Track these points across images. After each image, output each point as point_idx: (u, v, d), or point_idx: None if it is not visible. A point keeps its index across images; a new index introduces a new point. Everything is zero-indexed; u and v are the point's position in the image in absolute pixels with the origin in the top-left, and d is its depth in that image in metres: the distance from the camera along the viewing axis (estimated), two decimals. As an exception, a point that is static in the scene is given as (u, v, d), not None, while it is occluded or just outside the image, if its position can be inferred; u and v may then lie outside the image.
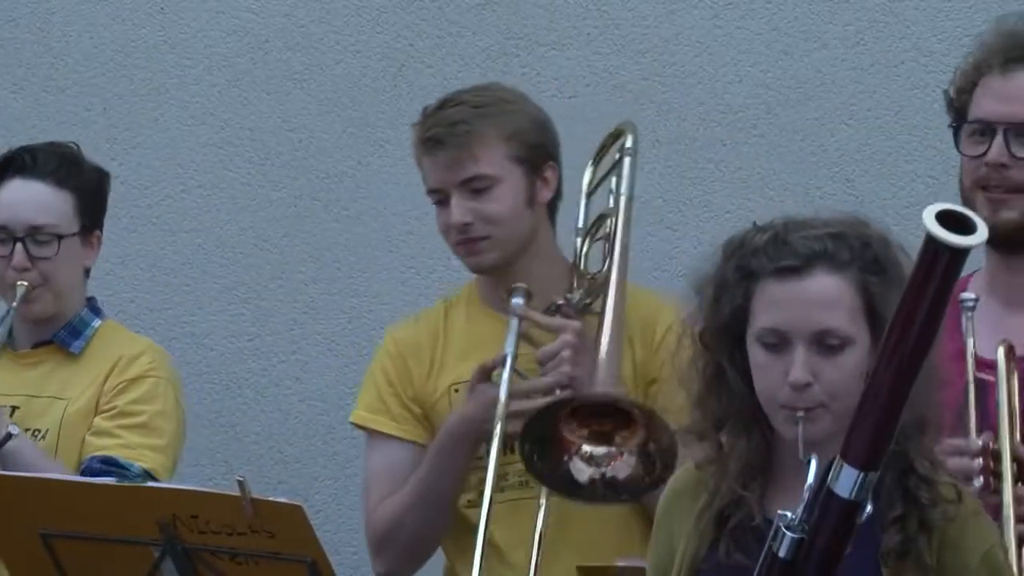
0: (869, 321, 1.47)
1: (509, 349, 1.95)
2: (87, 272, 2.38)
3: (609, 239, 2.06)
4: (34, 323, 2.30)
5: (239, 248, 3.02)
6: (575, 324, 2.00)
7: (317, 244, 2.72)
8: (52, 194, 2.27)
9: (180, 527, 1.57)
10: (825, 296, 1.47)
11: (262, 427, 2.43)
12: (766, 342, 1.46)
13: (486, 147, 2.07)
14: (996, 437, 1.87)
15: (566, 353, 1.97)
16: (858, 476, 1.30)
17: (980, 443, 1.83)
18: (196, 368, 2.84)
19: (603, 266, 2.06)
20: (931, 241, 1.21)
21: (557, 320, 2.00)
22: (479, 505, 2.02)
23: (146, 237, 3.08)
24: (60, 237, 2.25)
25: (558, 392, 1.97)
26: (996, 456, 1.84)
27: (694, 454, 1.59)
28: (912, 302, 1.29)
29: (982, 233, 1.22)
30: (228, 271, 3.03)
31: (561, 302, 2.05)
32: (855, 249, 1.48)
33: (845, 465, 1.30)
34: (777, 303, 1.46)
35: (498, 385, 1.96)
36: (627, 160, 2.09)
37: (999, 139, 1.93)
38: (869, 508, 1.33)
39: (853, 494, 1.30)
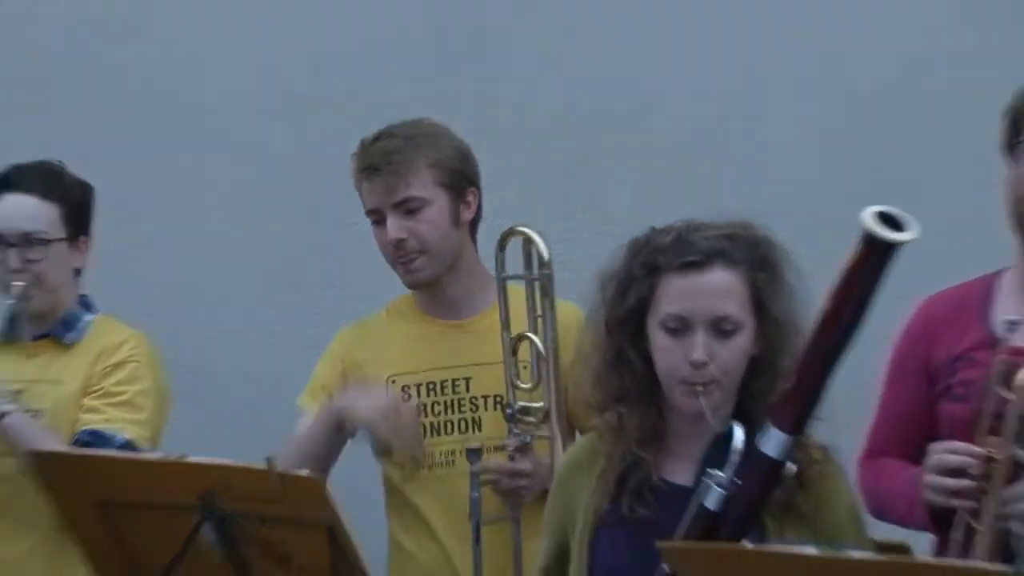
0: (755, 310, 1.67)
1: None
2: (78, 272, 2.65)
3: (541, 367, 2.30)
4: (33, 319, 2.58)
5: (264, 257, 3.27)
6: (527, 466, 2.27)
7: (333, 254, 2.93)
8: (40, 205, 2.54)
9: (217, 496, 1.77)
10: (722, 288, 1.65)
11: (282, 415, 2.64)
12: (669, 327, 1.65)
13: (416, 173, 2.30)
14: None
15: (522, 482, 2.25)
16: (786, 439, 1.51)
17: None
18: (225, 364, 3.09)
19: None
20: (868, 237, 1.43)
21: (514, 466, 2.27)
22: (413, 480, 2.36)
23: (183, 248, 3.34)
24: (48, 242, 2.52)
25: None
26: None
27: (594, 425, 1.79)
28: (846, 289, 1.51)
29: (914, 232, 1.44)
30: (255, 277, 3.27)
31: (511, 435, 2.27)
32: (746, 249, 1.68)
33: (774, 429, 1.51)
34: (680, 293, 1.65)
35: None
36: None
37: None
38: (792, 468, 1.54)
39: (780, 454, 1.51)
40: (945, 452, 1.81)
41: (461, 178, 2.39)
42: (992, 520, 1.69)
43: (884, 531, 1.97)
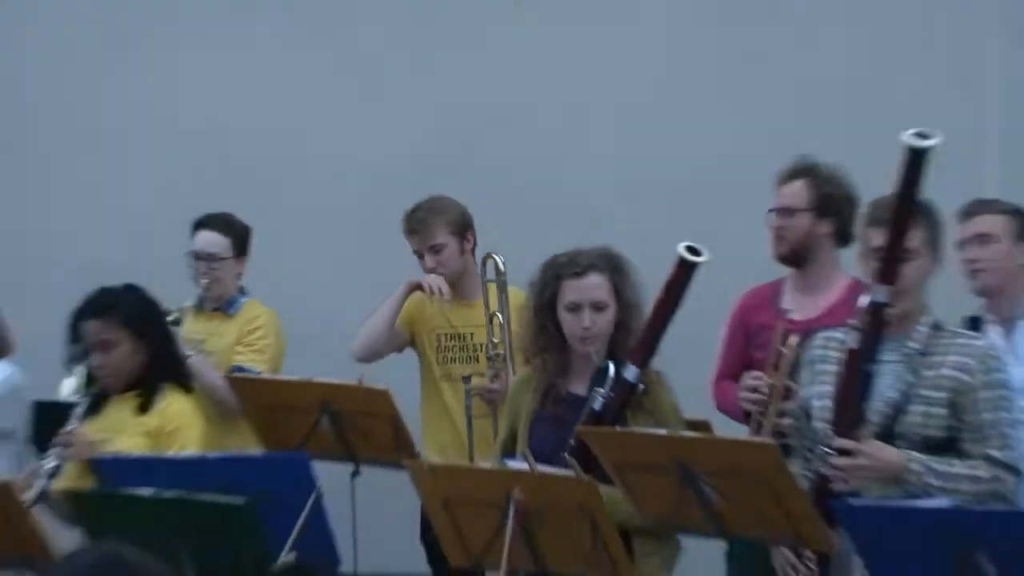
0: (616, 297, 2.78)
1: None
2: (239, 275, 4.15)
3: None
4: (212, 300, 4.11)
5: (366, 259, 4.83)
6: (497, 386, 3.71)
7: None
8: (219, 237, 4.06)
9: (331, 401, 3.06)
10: (595, 285, 2.77)
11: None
12: (569, 308, 2.76)
13: (437, 229, 3.90)
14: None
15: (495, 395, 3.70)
16: (637, 371, 2.75)
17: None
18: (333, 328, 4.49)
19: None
20: (680, 259, 2.68)
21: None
22: (449, 379, 3.88)
23: (308, 258, 4.98)
24: (222, 259, 4.05)
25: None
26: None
27: (532, 363, 2.93)
28: (669, 287, 2.74)
29: (706, 258, 2.68)
30: (357, 273, 4.84)
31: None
32: (608, 261, 2.81)
33: (631, 364, 2.73)
34: (573, 289, 2.76)
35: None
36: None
37: None
38: (641, 387, 2.76)
39: (634, 379, 2.75)
40: (749, 378, 3.16)
41: (463, 227, 3.94)
42: (772, 419, 2.97)
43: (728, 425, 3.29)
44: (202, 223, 4.11)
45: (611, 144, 5.01)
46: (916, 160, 2.39)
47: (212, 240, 4.05)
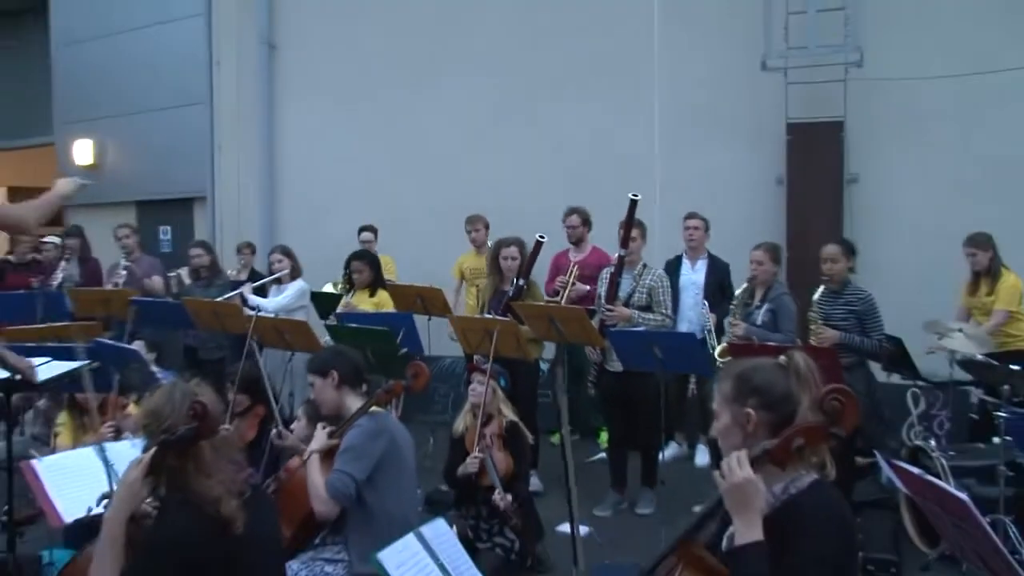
0: (521, 254, 6.58)
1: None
2: None
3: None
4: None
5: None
6: None
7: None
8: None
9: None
10: (513, 254, 6.66)
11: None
12: (503, 258, 6.65)
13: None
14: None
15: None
16: (524, 280, 6.65)
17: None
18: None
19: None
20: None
21: None
22: None
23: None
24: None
25: None
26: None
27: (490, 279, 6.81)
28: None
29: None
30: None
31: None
32: (519, 240, 6.67)
33: (521, 279, 6.65)
34: (505, 253, 6.65)
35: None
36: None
37: None
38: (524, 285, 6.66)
39: (523, 284, 6.65)
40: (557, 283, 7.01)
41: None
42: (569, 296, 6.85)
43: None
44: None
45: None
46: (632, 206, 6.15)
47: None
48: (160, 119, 11.77)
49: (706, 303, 6.76)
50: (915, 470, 3.21)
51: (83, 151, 12.53)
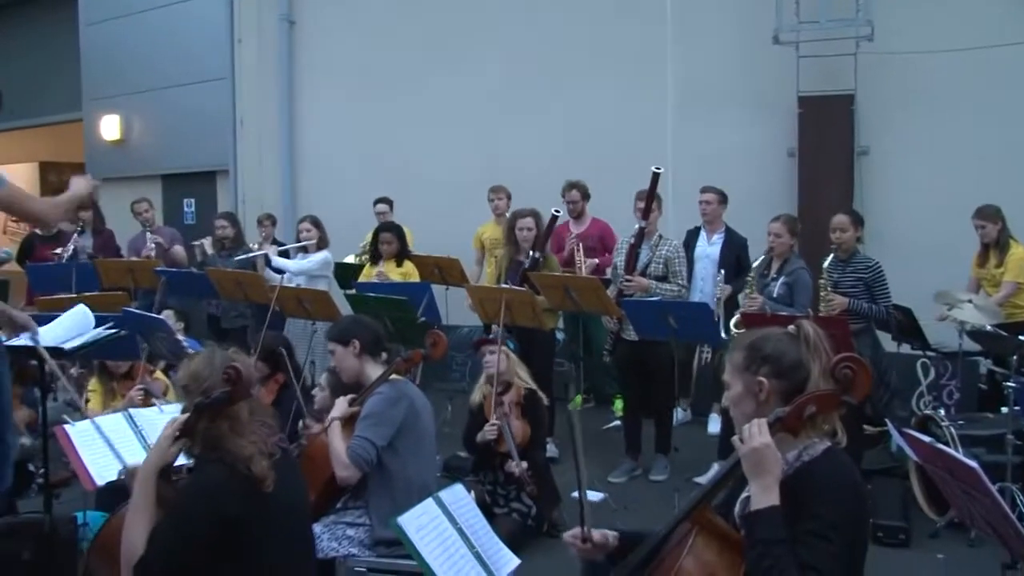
0: (537, 227, 6.58)
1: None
2: None
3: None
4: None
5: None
6: None
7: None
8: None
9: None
10: (529, 224, 6.61)
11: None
12: (519, 229, 6.60)
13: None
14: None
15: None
16: (539, 253, 6.63)
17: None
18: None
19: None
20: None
21: None
22: None
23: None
24: None
25: None
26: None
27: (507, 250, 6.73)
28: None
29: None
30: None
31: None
32: (535, 212, 6.65)
33: (537, 251, 6.61)
34: (521, 224, 6.62)
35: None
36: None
37: None
38: (540, 258, 6.63)
39: (540, 257, 6.62)
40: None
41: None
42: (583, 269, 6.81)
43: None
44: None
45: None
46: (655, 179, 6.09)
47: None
48: (184, 94, 11.75)
49: (722, 272, 6.68)
50: (925, 438, 3.18)
51: (110, 126, 12.53)
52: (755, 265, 6.05)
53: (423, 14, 10.02)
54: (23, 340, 4.01)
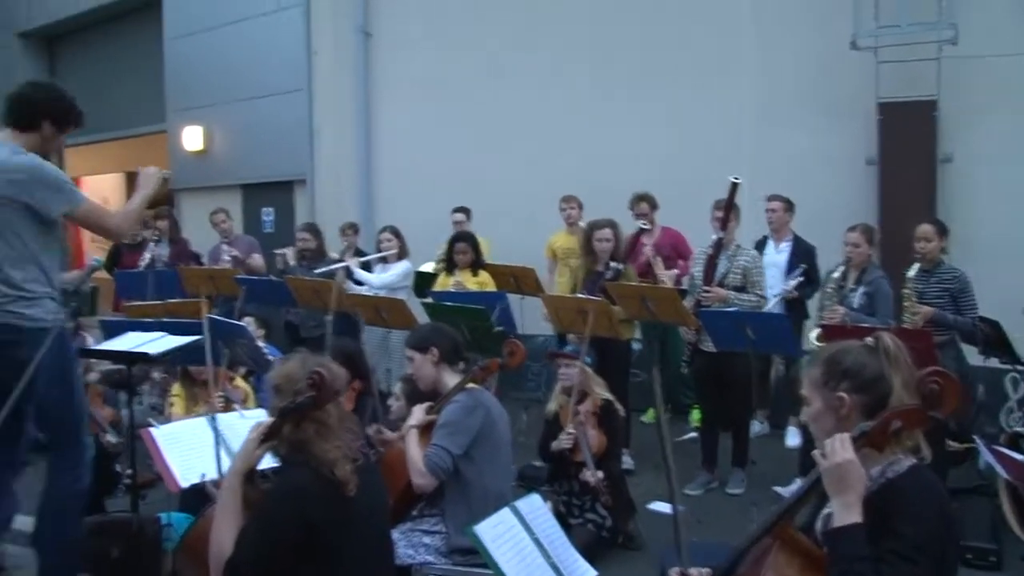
0: (615, 238, 6.61)
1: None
2: None
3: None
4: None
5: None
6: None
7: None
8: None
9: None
10: (607, 236, 6.62)
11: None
12: (598, 240, 6.61)
13: None
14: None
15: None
16: (620, 264, 6.60)
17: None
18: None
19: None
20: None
21: None
22: None
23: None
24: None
25: None
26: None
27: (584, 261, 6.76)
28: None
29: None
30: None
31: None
32: (612, 223, 6.63)
33: (618, 262, 6.58)
34: (599, 235, 6.60)
35: None
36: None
37: None
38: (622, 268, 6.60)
39: (620, 268, 6.58)
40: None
41: None
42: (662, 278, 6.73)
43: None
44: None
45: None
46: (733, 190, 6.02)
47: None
48: (262, 106, 11.99)
49: (797, 280, 6.60)
50: (1018, 456, 3.09)
51: (192, 137, 12.86)
52: (833, 276, 5.94)
53: (498, 25, 10.08)
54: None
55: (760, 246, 7.08)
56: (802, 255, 7.01)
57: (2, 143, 3.92)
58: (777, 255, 7.04)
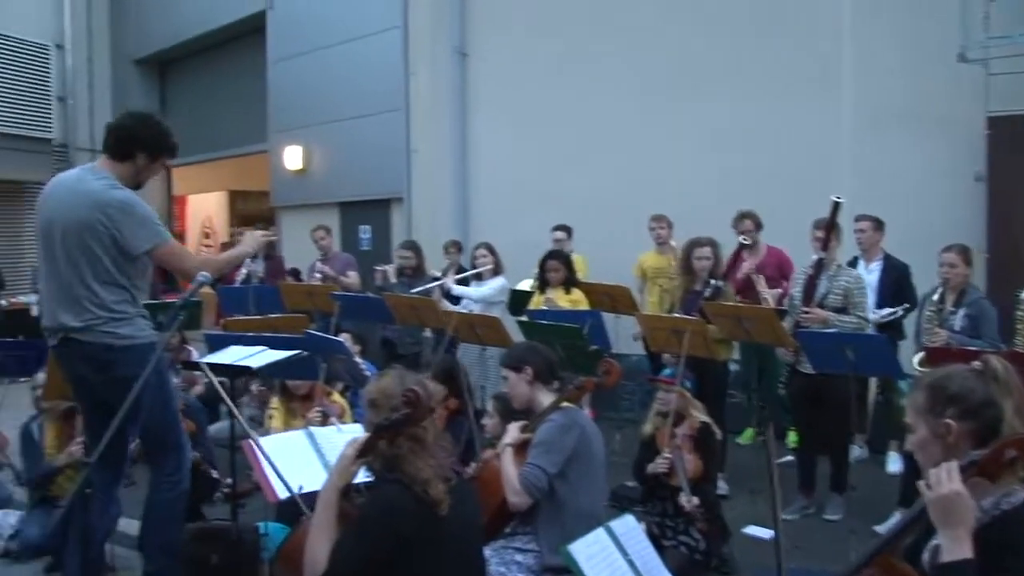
0: (714, 255, 6.54)
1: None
2: None
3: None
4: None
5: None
6: None
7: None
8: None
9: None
10: (706, 254, 6.54)
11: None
12: (696, 258, 6.53)
13: None
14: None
15: None
16: (720, 282, 6.49)
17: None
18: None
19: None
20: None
21: None
22: None
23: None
24: None
25: None
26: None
27: (683, 279, 6.75)
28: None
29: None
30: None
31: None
32: (712, 241, 6.53)
33: (717, 280, 6.48)
34: (697, 254, 6.54)
35: None
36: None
37: None
38: (721, 286, 6.50)
39: (719, 286, 6.49)
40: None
41: None
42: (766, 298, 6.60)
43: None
44: None
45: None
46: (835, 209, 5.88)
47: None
48: (361, 126, 12.24)
49: (891, 314, 6.47)
50: None
51: (293, 157, 13.20)
52: (931, 298, 5.74)
53: (592, 44, 10.09)
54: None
55: (851, 266, 6.89)
56: (894, 274, 6.84)
57: (99, 174, 4.07)
58: (868, 275, 6.82)
